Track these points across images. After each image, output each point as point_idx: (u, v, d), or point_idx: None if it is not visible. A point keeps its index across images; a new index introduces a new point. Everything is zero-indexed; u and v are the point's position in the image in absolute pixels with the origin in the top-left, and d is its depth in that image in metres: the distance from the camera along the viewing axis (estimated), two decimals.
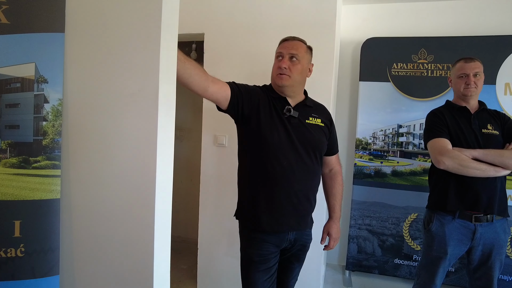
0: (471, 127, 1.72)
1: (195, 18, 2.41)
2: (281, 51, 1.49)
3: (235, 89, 1.43)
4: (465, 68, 1.76)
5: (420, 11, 2.74)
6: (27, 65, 1.10)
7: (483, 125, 1.73)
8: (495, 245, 1.69)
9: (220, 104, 1.43)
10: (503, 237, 1.71)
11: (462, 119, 1.75)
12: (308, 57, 1.53)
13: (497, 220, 1.69)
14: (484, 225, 1.67)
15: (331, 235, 1.63)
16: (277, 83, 1.47)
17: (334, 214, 1.64)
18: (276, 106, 1.47)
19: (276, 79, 1.47)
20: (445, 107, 1.85)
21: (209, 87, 1.32)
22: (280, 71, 1.45)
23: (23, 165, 1.12)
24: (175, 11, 1.09)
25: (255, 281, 1.46)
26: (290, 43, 1.49)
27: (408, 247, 2.64)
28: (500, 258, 1.72)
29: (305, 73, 1.53)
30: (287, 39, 1.52)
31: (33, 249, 1.11)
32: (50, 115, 1.12)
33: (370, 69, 2.69)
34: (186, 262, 3.05)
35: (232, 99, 1.41)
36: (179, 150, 3.62)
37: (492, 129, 1.72)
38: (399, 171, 2.68)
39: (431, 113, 1.85)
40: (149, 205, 1.04)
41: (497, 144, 1.70)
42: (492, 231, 1.69)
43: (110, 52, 1.07)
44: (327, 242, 1.66)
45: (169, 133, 1.10)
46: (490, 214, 1.67)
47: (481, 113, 1.77)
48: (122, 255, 1.09)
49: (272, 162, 1.42)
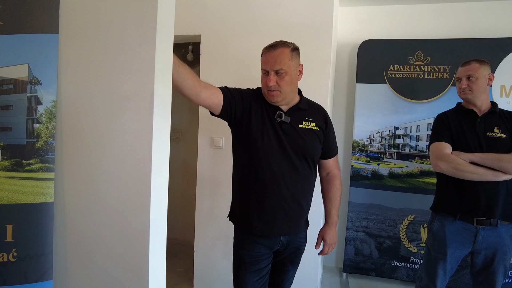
0: (475, 130, 1.69)
1: (191, 20, 2.40)
2: (265, 68, 1.41)
3: (228, 94, 1.41)
4: (459, 72, 1.76)
5: (416, 14, 2.75)
6: (20, 66, 1.09)
7: (489, 128, 1.69)
8: (499, 250, 1.66)
9: (212, 109, 1.41)
10: (508, 243, 1.67)
11: (467, 122, 1.72)
12: (295, 62, 1.43)
13: (503, 225, 1.66)
14: (487, 229, 1.65)
15: (325, 241, 1.59)
16: (270, 101, 1.44)
17: (330, 219, 1.60)
18: (268, 111, 1.45)
19: (268, 96, 1.43)
20: (454, 109, 1.83)
21: (201, 93, 1.31)
22: (269, 88, 1.40)
23: (15, 168, 1.10)
24: (171, 12, 1.07)
25: (246, 281, 1.45)
26: (272, 56, 1.39)
27: (405, 249, 2.63)
28: (504, 264, 1.68)
29: (296, 79, 1.46)
30: (268, 49, 1.41)
31: (25, 253, 1.09)
32: (43, 117, 1.10)
33: (367, 71, 2.69)
34: (182, 265, 3.03)
35: (225, 104, 1.39)
36: (176, 152, 3.60)
37: (499, 132, 1.68)
38: (396, 173, 2.68)
39: (437, 117, 1.84)
40: (145, 208, 1.03)
41: (502, 148, 1.65)
42: (496, 235, 1.66)
43: (105, 54, 1.05)
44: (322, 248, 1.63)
45: (164, 135, 1.09)
46: (491, 218, 1.64)
47: (490, 116, 1.72)
48: (116, 259, 1.07)
49: (262, 168, 1.41)
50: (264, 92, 1.45)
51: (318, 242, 1.63)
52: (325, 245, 1.61)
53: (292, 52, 1.42)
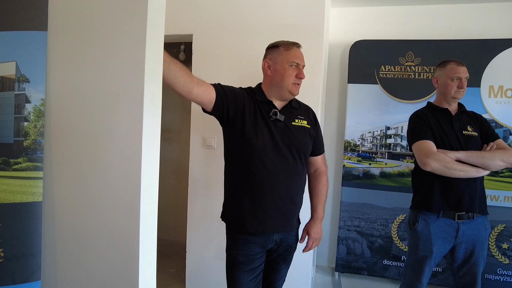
0: (453, 128, 1.75)
1: (183, 19, 2.40)
2: (297, 62, 1.48)
3: (220, 91, 1.42)
4: (459, 71, 1.77)
5: (407, 15, 2.78)
6: (7, 63, 1.07)
7: (464, 127, 1.77)
8: (477, 242, 1.73)
9: (204, 106, 1.42)
10: (484, 234, 1.76)
11: (444, 120, 1.78)
12: None
13: (478, 217, 1.74)
14: (466, 223, 1.71)
15: (310, 235, 1.60)
16: (293, 93, 1.49)
17: (316, 214, 1.62)
18: (262, 109, 1.47)
19: (293, 89, 1.48)
20: (427, 108, 1.87)
21: (193, 89, 1.32)
22: (298, 81, 1.48)
23: (2, 166, 1.08)
24: (161, 10, 1.07)
25: (240, 281, 1.45)
26: (301, 52, 1.51)
27: (396, 248, 2.65)
28: (483, 254, 1.75)
29: None
30: (297, 46, 1.51)
31: (13, 254, 1.07)
32: (31, 116, 1.09)
33: (359, 71, 2.71)
34: (174, 266, 3.01)
35: (217, 101, 1.40)
36: (168, 152, 3.58)
37: (472, 131, 1.76)
38: (387, 173, 2.70)
39: (414, 115, 1.87)
40: (134, 208, 1.02)
41: (476, 145, 1.74)
42: (473, 228, 1.72)
43: (94, 51, 1.04)
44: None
45: (155, 134, 1.08)
46: (471, 212, 1.71)
47: (461, 115, 1.81)
48: (106, 259, 1.06)
49: (257, 165, 1.42)
50: (288, 84, 1.47)
51: (303, 236, 1.63)
52: (309, 239, 1.61)
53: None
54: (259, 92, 1.52)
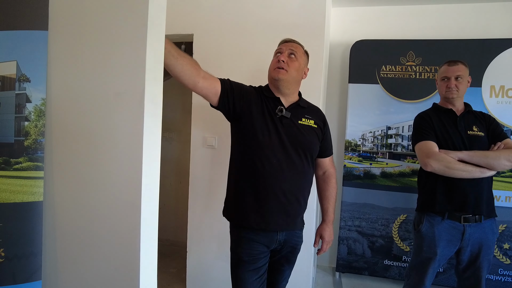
0: (457, 129, 1.75)
1: (184, 19, 2.40)
2: (281, 47, 1.54)
3: (227, 86, 1.44)
4: (447, 71, 1.79)
5: (408, 14, 2.77)
6: (8, 63, 1.07)
7: (469, 127, 1.76)
8: (484, 245, 1.71)
9: (209, 99, 1.44)
10: (491, 238, 1.73)
11: (448, 121, 1.77)
12: (305, 59, 1.58)
13: (486, 220, 1.71)
14: (472, 226, 1.69)
15: (324, 238, 1.62)
16: (274, 77, 1.49)
17: (327, 217, 1.63)
18: (269, 106, 1.48)
19: (273, 73, 1.50)
20: (432, 109, 1.88)
21: (198, 83, 1.35)
22: (278, 64, 1.48)
23: (3, 166, 1.08)
24: (162, 9, 1.07)
25: (245, 281, 1.45)
26: (290, 43, 1.54)
27: (397, 248, 2.65)
28: (488, 258, 1.73)
29: (301, 73, 1.56)
30: (286, 41, 1.56)
31: (13, 253, 1.07)
32: (32, 115, 1.09)
33: (359, 71, 2.70)
34: (175, 266, 3.01)
35: (222, 95, 1.42)
36: (168, 152, 3.58)
37: (477, 131, 1.75)
38: (388, 173, 2.69)
39: (418, 116, 1.87)
40: (135, 208, 1.02)
41: (482, 146, 1.72)
42: (480, 231, 1.70)
43: (95, 51, 1.04)
44: (320, 246, 1.65)
45: (155, 133, 1.08)
46: (478, 214, 1.68)
47: (467, 115, 1.80)
48: (107, 259, 1.06)
49: (261, 160, 1.42)
50: (271, 70, 1.53)
51: (316, 240, 1.65)
52: (323, 243, 1.63)
53: (304, 51, 1.58)
54: (267, 89, 1.54)
